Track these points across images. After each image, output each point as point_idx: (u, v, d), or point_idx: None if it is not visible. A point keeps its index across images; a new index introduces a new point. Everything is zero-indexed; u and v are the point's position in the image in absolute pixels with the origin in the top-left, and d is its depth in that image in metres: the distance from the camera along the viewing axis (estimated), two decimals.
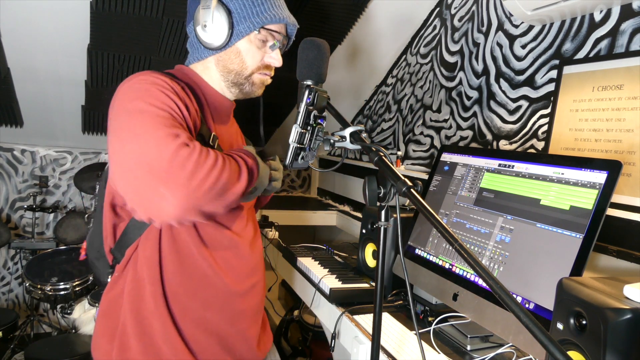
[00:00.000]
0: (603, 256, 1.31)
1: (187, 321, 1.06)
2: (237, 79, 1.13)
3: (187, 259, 1.06)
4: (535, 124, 1.68)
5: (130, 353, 1.03)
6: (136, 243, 1.07)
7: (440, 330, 1.37)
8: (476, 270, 0.61)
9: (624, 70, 1.36)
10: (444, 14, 2.29)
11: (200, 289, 1.08)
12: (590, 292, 0.84)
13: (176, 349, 1.04)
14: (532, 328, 0.55)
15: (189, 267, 1.06)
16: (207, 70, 1.14)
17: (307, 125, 0.93)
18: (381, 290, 0.82)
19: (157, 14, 2.14)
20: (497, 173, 1.33)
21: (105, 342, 1.06)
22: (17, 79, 2.49)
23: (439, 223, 0.67)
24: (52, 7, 2.07)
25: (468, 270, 1.29)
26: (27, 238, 3.15)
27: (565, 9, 1.50)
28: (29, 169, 3.17)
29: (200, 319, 1.08)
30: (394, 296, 1.61)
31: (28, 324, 2.88)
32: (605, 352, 0.78)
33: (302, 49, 0.98)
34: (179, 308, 1.06)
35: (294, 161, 0.94)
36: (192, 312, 1.07)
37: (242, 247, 1.15)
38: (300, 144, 0.92)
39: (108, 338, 1.06)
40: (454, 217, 1.41)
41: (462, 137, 2.08)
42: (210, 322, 1.09)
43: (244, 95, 1.17)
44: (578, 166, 1.11)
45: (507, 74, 1.83)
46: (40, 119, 2.83)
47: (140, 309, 1.04)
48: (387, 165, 0.80)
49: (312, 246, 2.16)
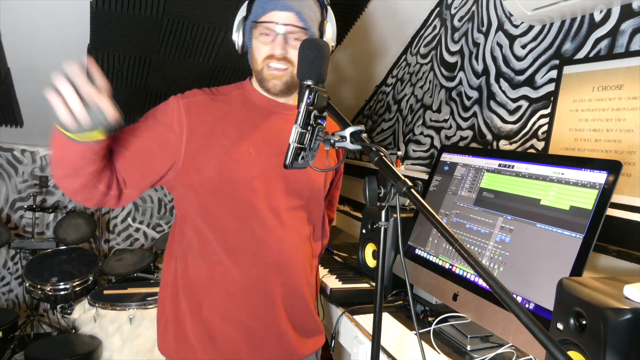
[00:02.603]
0: (603, 256, 1.31)
1: (214, 314, 1.19)
2: (258, 76, 1.22)
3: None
4: (535, 124, 1.68)
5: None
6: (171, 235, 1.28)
7: (440, 330, 1.37)
8: (476, 270, 0.61)
9: (624, 70, 1.36)
10: (444, 14, 2.29)
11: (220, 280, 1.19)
12: (590, 292, 0.84)
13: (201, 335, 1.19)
14: (532, 328, 0.55)
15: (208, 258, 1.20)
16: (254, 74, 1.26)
17: (307, 125, 0.93)
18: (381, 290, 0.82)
19: (157, 14, 2.14)
20: (497, 173, 1.33)
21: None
22: (17, 79, 2.49)
23: (439, 223, 0.67)
24: (52, 7, 2.06)
25: (468, 270, 1.29)
26: (27, 238, 3.15)
27: (565, 9, 1.50)
28: (29, 169, 3.17)
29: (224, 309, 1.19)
30: (394, 296, 1.61)
31: (28, 324, 2.89)
32: (605, 352, 0.78)
33: (302, 49, 0.98)
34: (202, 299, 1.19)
35: (294, 161, 0.94)
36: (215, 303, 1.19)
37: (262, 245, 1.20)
38: (301, 143, 0.92)
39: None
40: (454, 217, 1.41)
41: (462, 137, 2.08)
42: (232, 313, 1.19)
43: (268, 91, 1.22)
44: (578, 166, 1.11)
45: (507, 74, 1.83)
46: (40, 119, 2.83)
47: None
48: (387, 165, 0.80)
49: None
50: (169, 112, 1.15)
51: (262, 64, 1.17)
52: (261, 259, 1.18)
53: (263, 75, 1.18)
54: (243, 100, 1.23)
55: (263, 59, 1.17)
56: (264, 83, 1.20)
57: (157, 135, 1.13)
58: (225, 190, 1.16)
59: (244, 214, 1.17)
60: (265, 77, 1.18)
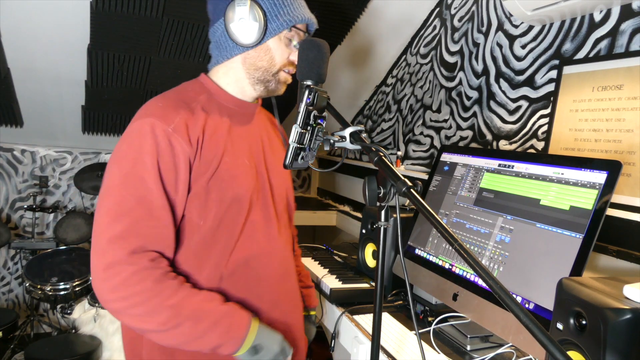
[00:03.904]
0: (603, 256, 1.31)
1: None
2: (264, 76, 1.15)
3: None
4: (535, 124, 1.68)
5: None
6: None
7: (440, 330, 1.37)
8: (476, 270, 0.61)
9: (624, 70, 1.36)
10: (444, 14, 2.29)
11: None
12: (590, 292, 0.84)
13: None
14: (532, 328, 0.55)
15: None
16: (230, 72, 1.16)
17: (307, 125, 0.93)
18: (381, 290, 0.82)
19: (157, 14, 2.14)
20: (497, 173, 1.33)
21: None
22: (17, 79, 2.49)
23: (439, 223, 0.67)
24: (52, 7, 2.06)
25: (468, 270, 1.29)
26: (27, 238, 3.15)
27: (565, 9, 1.50)
28: (29, 169, 3.17)
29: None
30: (394, 296, 1.61)
31: (28, 324, 2.88)
32: (605, 352, 0.78)
33: (302, 49, 0.98)
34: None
35: (293, 161, 0.94)
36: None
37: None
38: (300, 144, 0.92)
39: None
40: (454, 217, 1.41)
41: (462, 137, 2.08)
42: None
43: (267, 93, 1.19)
44: (578, 166, 1.11)
45: (507, 74, 1.83)
46: (40, 119, 2.83)
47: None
48: (387, 165, 0.80)
49: (312, 246, 2.16)
50: (175, 150, 1.02)
51: (281, 66, 1.14)
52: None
53: (278, 77, 1.16)
54: (218, 106, 1.14)
55: (285, 63, 1.14)
56: (271, 84, 1.16)
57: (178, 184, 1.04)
58: (235, 208, 1.11)
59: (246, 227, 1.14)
60: (280, 79, 1.16)
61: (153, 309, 0.94)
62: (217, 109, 1.14)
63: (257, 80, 1.15)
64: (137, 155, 0.99)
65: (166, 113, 1.03)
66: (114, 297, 0.94)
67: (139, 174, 0.98)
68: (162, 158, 1.00)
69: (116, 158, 1.02)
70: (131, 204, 0.97)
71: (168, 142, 1.00)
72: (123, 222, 0.96)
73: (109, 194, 0.99)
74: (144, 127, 1.00)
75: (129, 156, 1.00)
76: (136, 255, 0.95)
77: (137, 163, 0.99)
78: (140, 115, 1.05)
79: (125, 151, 1.01)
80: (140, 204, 0.97)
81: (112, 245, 0.95)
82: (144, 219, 0.97)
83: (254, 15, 1.07)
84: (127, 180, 0.98)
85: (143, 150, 0.99)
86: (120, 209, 0.97)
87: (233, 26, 1.07)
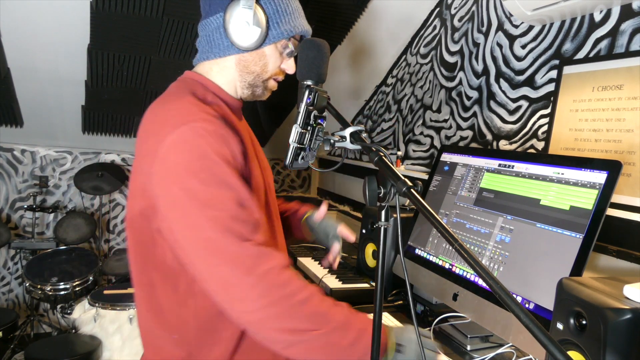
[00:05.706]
0: (603, 256, 1.31)
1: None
2: (254, 81, 1.12)
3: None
4: (535, 124, 1.68)
5: None
6: None
7: (440, 330, 1.37)
8: (476, 270, 0.61)
9: (624, 70, 1.36)
10: (444, 14, 2.29)
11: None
12: (590, 292, 0.84)
13: None
14: (532, 328, 0.55)
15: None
16: (225, 71, 1.12)
17: (307, 125, 0.93)
18: (381, 290, 0.82)
19: (157, 14, 2.14)
20: (497, 173, 1.33)
21: None
22: (17, 79, 2.50)
23: (439, 223, 0.67)
24: (52, 7, 2.07)
25: (468, 270, 1.29)
26: (27, 238, 3.15)
27: (565, 9, 1.50)
28: (29, 169, 3.17)
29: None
30: (394, 296, 1.61)
31: (28, 324, 2.89)
32: (605, 352, 0.78)
33: (302, 49, 0.98)
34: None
35: (294, 161, 0.94)
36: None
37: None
38: (300, 144, 0.92)
39: None
40: (454, 217, 1.41)
41: (462, 137, 2.08)
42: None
43: (252, 97, 1.16)
44: (578, 166, 1.11)
45: (507, 74, 1.83)
46: (40, 119, 2.84)
47: None
48: (387, 165, 0.80)
49: (312, 246, 2.16)
50: (231, 149, 0.97)
51: (271, 74, 1.12)
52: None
53: (267, 84, 1.13)
54: (225, 105, 1.11)
55: (277, 71, 1.12)
56: (258, 90, 1.13)
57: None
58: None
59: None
60: (268, 86, 1.14)
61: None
62: (225, 108, 1.11)
63: (248, 84, 1.12)
64: (204, 160, 0.91)
65: (202, 116, 0.96)
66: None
67: (218, 175, 0.91)
68: (226, 151, 0.94)
69: (177, 170, 0.91)
70: (230, 205, 0.90)
71: (223, 139, 0.95)
72: (238, 225, 0.89)
73: (201, 207, 0.89)
74: (197, 131, 0.92)
75: (196, 164, 0.90)
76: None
77: (210, 166, 0.91)
78: (177, 124, 0.93)
79: (188, 160, 0.91)
80: (235, 203, 0.91)
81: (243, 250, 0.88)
82: (242, 214, 0.91)
83: (257, 20, 1.03)
84: (211, 187, 0.90)
85: (206, 153, 0.91)
86: (225, 215, 0.89)
87: (233, 26, 1.04)
